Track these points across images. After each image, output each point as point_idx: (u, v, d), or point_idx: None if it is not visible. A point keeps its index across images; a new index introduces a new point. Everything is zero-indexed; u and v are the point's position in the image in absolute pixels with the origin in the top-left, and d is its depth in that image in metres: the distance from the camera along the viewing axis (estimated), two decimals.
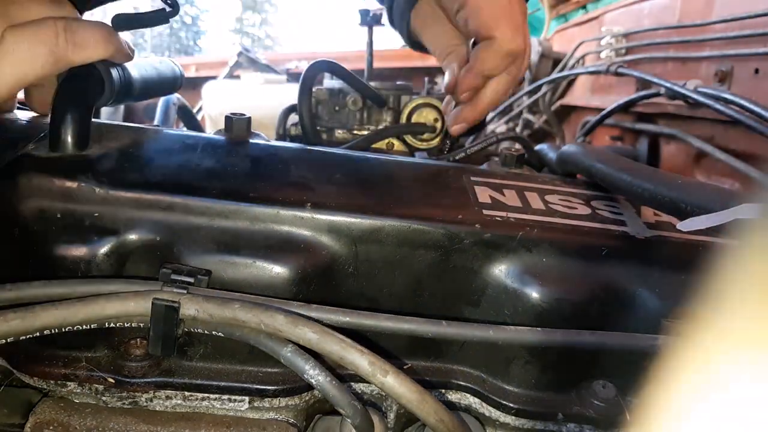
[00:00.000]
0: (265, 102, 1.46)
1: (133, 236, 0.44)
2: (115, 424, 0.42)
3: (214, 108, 1.47)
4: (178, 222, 0.44)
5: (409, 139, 0.98)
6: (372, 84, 1.00)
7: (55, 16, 0.47)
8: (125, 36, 0.54)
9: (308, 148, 0.58)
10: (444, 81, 0.71)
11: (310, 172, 0.52)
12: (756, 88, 0.79)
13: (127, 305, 0.39)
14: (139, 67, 0.57)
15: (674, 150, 0.98)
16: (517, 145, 0.82)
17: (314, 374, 0.39)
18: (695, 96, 0.80)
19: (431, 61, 1.96)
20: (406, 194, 0.50)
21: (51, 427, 0.41)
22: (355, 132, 1.00)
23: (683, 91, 0.82)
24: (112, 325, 0.41)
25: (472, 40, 0.67)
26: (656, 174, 0.49)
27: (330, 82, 1.02)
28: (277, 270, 0.43)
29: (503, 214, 0.49)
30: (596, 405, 0.45)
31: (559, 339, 0.42)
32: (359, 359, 0.38)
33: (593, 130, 1.09)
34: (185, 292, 0.40)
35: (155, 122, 1.06)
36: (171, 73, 0.66)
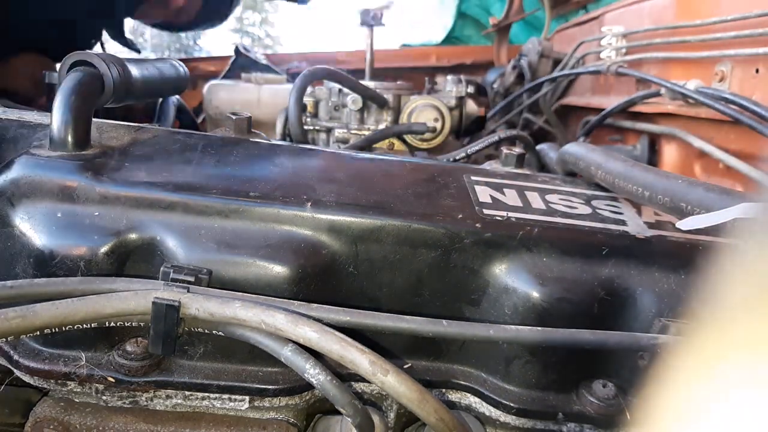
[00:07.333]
0: (265, 102, 1.46)
1: (133, 235, 0.44)
2: (115, 423, 0.43)
3: (214, 108, 1.47)
4: (178, 221, 0.44)
5: (409, 138, 0.99)
6: (372, 84, 1.00)
7: None
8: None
9: (309, 147, 0.58)
10: None
11: (311, 171, 0.52)
12: (756, 88, 0.79)
13: (128, 304, 0.39)
14: (140, 67, 0.57)
15: (674, 150, 0.98)
16: (517, 147, 0.82)
17: (314, 373, 0.39)
18: (695, 96, 0.80)
19: (431, 61, 1.96)
20: (406, 194, 0.50)
21: (51, 426, 0.41)
22: (355, 132, 1.00)
23: (683, 91, 0.83)
24: (112, 324, 0.41)
25: None
26: (656, 174, 0.49)
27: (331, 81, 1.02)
28: (277, 269, 0.43)
29: (503, 213, 0.49)
30: (596, 404, 0.45)
31: (559, 339, 0.42)
32: (360, 358, 0.38)
33: (593, 130, 1.09)
34: (186, 291, 0.40)
35: (155, 122, 1.06)
36: (175, 73, 0.66)
